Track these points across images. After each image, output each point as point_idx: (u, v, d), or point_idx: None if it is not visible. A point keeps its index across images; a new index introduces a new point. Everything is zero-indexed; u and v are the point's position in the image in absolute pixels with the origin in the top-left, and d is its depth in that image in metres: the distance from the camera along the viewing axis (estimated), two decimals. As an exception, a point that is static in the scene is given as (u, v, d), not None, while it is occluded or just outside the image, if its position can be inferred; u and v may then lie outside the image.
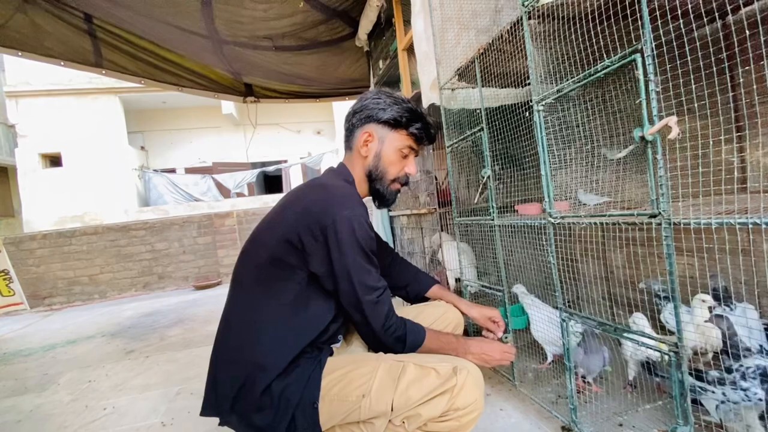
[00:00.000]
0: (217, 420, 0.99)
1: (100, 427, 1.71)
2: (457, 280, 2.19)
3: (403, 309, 1.28)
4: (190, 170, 10.36)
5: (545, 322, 1.48)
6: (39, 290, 5.54)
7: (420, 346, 1.03)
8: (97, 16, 3.01)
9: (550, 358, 1.57)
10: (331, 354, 1.04)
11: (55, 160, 8.78)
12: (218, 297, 4.75)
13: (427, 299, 1.38)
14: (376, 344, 1.03)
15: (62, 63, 3.35)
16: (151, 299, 5.26)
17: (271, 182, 11.82)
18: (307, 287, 0.99)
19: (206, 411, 0.99)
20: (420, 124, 1.12)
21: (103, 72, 3.54)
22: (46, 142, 8.50)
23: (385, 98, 1.12)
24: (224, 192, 9.40)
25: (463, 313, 1.32)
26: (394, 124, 1.10)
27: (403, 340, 1.01)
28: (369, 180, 1.14)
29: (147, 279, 5.87)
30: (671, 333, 1.23)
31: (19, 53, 3.19)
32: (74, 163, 8.60)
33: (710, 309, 1.15)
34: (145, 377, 2.27)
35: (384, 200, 1.17)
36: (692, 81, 0.73)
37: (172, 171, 10.22)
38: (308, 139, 11.22)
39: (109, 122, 8.88)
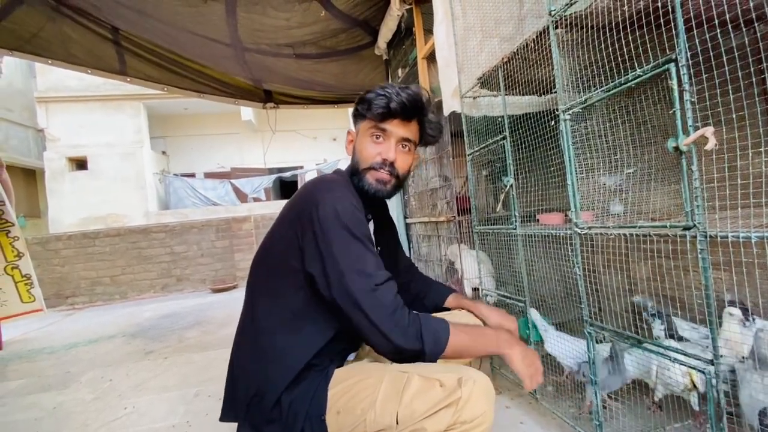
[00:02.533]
0: (235, 425, 0.99)
1: (121, 427, 1.74)
2: (475, 289, 2.16)
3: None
4: (209, 175, 10.57)
5: (561, 341, 1.45)
6: (63, 289, 5.70)
7: (446, 342, 0.88)
8: (124, 27, 3.12)
9: (567, 370, 1.53)
10: (340, 365, 1.01)
11: (81, 164, 9.08)
12: (235, 300, 4.80)
13: (444, 309, 1.31)
14: (388, 346, 0.87)
15: (89, 71, 3.49)
16: (170, 301, 5.36)
17: (287, 188, 11.97)
18: (311, 296, 0.94)
19: (225, 416, 1.00)
20: (373, 95, 0.99)
21: (128, 79, 3.67)
22: (73, 146, 8.80)
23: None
24: (241, 197, 9.56)
25: (481, 319, 1.24)
26: (359, 114, 1.04)
27: (419, 336, 0.86)
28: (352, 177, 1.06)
29: (166, 281, 5.98)
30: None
31: (49, 61, 3.34)
32: (99, 167, 8.87)
33: (742, 323, 1.11)
34: (164, 378, 2.31)
35: (366, 194, 1.03)
36: (730, 91, 0.71)
37: (192, 175, 10.44)
38: (324, 146, 11.35)
39: (133, 127, 9.15)
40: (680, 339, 1.25)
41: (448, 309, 1.29)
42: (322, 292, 0.90)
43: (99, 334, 3.73)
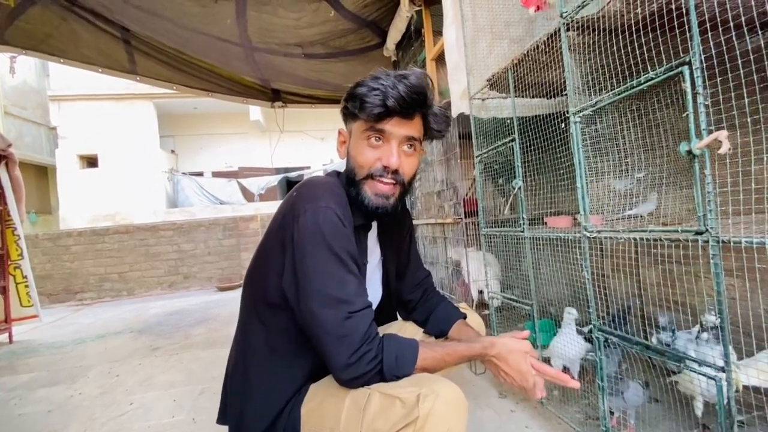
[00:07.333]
0: None
1: (127, 422, 1.76)
2: (480, 291, 2.16)
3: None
4: (217, 174, 10.66)
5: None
6: (72, 285, 5.77)
7: (411, 370, 0.82)
8: (134, 27, 3.16)
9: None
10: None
11: (91, 161, 9.21)
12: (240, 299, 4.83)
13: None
14: (340, 379, 0.81)
15: (100, 70, 3.55)
16: (176, 298, 5.40)
17: (292, 187, 12.04)
18: (294, 319, 0.87)
19: (220, 420, 1.01)
20: (365, 90, 0.85)
21: (138, 78, 3.72)
22: (85, 143, 8.93)
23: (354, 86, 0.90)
24: (248, 196, 9.62)
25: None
26: (349, 112, 0.91)
27: (378, 371, 0.79)
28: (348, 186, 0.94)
29: (173, 278, 6.03)
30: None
31: (61, 60, 3.40)
32: (109, 165, 8.99)
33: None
34: (170, 374, 2.32)
35: (365, 208, 0.91)
36: (745, 95, 0.70)
37: (200, 174, 10.54)
38: (331, 147, 11.37)
39: (143, 126, 9.27)
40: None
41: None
42: (294, 310, 0.85)
43: (107, 329, 3.77)
